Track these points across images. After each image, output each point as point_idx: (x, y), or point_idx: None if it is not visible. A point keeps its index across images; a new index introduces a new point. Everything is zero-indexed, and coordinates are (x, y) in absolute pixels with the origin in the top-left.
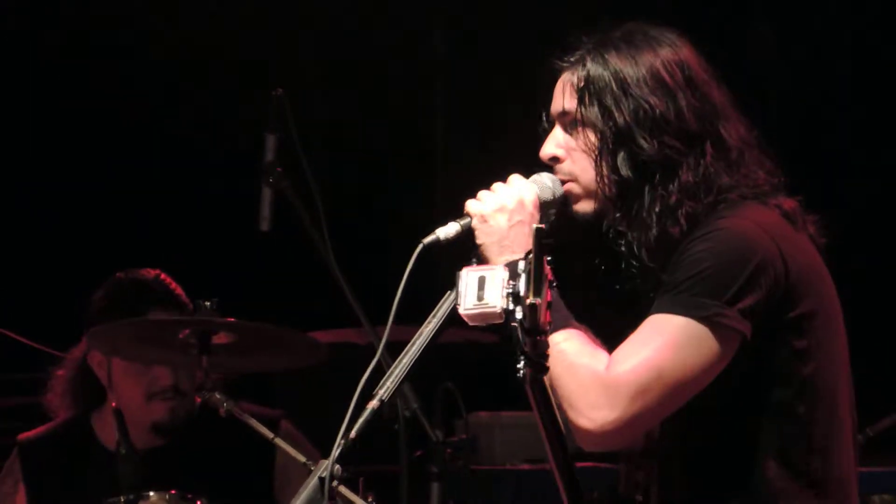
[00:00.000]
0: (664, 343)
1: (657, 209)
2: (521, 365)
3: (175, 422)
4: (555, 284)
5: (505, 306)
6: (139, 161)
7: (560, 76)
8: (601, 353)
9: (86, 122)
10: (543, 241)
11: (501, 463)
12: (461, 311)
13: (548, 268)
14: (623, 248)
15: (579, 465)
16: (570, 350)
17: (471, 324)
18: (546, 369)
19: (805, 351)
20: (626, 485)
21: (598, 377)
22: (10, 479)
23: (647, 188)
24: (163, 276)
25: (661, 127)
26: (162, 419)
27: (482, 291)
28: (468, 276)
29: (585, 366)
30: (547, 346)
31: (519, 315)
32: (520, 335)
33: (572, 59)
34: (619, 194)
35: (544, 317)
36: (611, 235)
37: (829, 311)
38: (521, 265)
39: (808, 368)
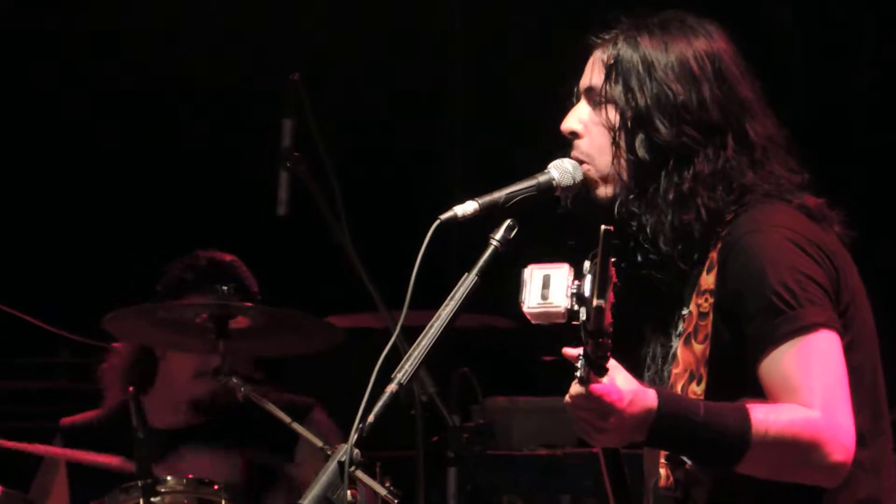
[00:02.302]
0: (819, 368)
1: (671, 196)
2: (580, 366)
3: (215, 402)
4: (618, 285)
5: (569, 306)
6: (158, 146)
7: (593, 53)
8: (788, 408)
9: (105, 107)
10: (611, 243)
11: (518, 448)
12: (525, 308)
13: (613, 270)
14: (634, 230)
15: (587, 450)
16: (772, 420)
17: (533, 322)
18: (606, 371)
19: (850, 343)
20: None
21: (817, 430)
22: (52, 462)
23: (662, 173)
24: (221, 261)
25: (680, 114)
26: (202, 398)
27: (546, 290)
28: (533, 274)
29: (797, 425)
30: (609, 348)
31: (582, 316)
32: (582, 336)
33: (606, 37)
34: (634, 176)
35: (608, 319)
36: (622, 214)
37: (863, 303)
38: (587, 265)
39: (854, 359)
